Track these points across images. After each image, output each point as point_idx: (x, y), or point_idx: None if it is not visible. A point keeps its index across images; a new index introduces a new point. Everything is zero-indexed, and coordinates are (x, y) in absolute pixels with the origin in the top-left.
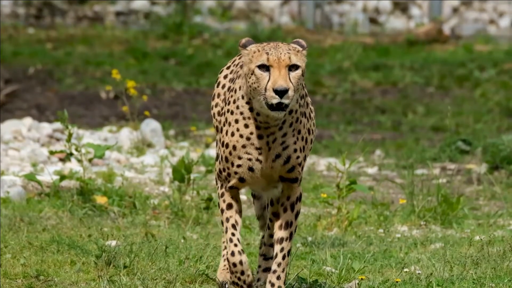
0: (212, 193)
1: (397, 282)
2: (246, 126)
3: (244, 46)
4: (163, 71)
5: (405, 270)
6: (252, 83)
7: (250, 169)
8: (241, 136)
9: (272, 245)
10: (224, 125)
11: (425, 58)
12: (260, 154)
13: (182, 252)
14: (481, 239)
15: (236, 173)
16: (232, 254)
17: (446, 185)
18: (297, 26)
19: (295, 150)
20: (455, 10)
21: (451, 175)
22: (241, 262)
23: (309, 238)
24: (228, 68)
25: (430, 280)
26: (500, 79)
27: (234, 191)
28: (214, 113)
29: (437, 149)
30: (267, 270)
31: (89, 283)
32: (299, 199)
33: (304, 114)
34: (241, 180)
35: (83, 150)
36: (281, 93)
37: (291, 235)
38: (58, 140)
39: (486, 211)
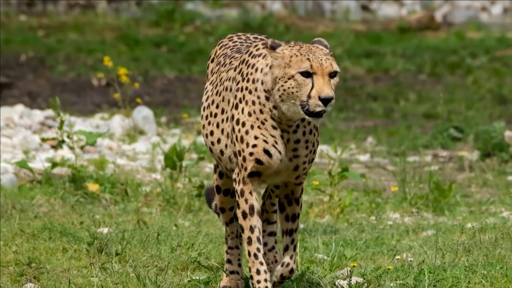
0: (204, 180)
1: (389, 269)
2: (261, 111)
3: (273, 48)
4: (155, 58)
5: (397, 257)
6: (288, 88)
7: (266, 151)
8: (257, 118)
9: (275, 212)
10: (240, 101)
11: (417, 45)
12: (276, 142)
13: (174, 239)
14: (473, 226)
15: (251, 154)
16: (258, 272)
17: (438, 172)
18: (289, 13)
19: (304, 162)
20: None
21: (443, 162)
22: (266, 280)
23: (301, 226)
24: (212, 61)
25: (422, 268)
26: (492, 66)
27: (254, 182)
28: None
29: (429, 136)
30: (273, 234)
31: (81, 270)
32: (302, 192)
33: (315, 127)
34: (258, 161)
35: (75, 137)
36: (327, 101)
37: (297, 226)
38: (50, 127)
39: (478, 198)
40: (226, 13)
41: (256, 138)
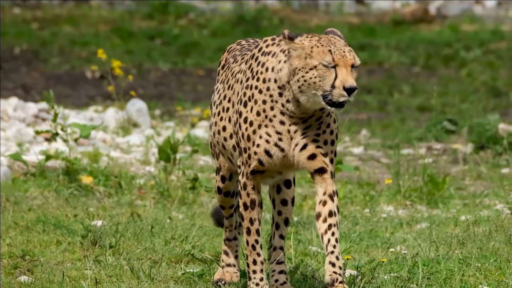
0: (198, 173)
1: (383, 262)
2: (272, 108)
3: (291, 39)
4: (149, 51)
5: (391, 250)
6: (310, 78)
7: (267, 152)
8: (266, 116)
9: (282, 248)
10: (249, 99)
11: (411, 38)
12: (280, 140)
13: (168, 232)
14: (467, 219)
15: (255, 153)
16: (254, 263)
17: (432, 165)
18: (283, 6)
19: (316, 140)
20: None
21: (437, 155)
22: (262, 271)
23: (295, 218)
24: (223, 67)
25: (416, 260)
26: (486, 59)
27: (257, 179)
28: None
29: (423, 129)
30: (282, 272)
31: (75, 263)
32: (335, 193)
33: (332, 116)
34: (260, 162)
35: (69, 130)
36: (351, 91)
37: (337, 222)
38: (44, 120)
39: (472, 191)
40: (220, 6)
41: (260, 137)
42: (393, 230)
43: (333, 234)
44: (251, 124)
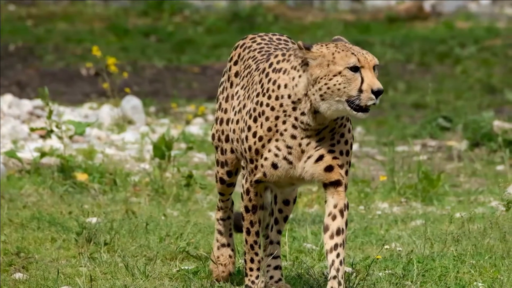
0: (192, 170)
1: (377, 259)
2: (284, 122)
3: (308, 49)
4: (144, 48)
5: (385, 247)
6: (334, 85)
7: (274, 165)
8: (277, 131)
9: (279, 243)
10: (259, 115)
11: (405, 35)
12: (289, 153)
13: (162, 229)
14: (461, 216)
15: (262, 166)
16: (252, 261)
17: (426, 162)
18: (278, 4)
19: (332, 151)
20: None
21: (431, 152)
22: (258, 269)
23: (290, 215)
24: (236, 63)
25: (411, 257)
26: (480, 56)
27: (260, 186)
28: (221, 118)
29: (417, 126)
30: (278, 268)
31: (70, 260)
32: (347, 206)
33: (348, 119)
34: (265, 175)
35: (63, 127)
36: (379, 94)
37: (344, 241)
38: (38, 117)
39: (467, 188)
40: (215, 3)
41: (269, 151)
42: (388, 227)
43: (338, 255)
44: (260, 139)
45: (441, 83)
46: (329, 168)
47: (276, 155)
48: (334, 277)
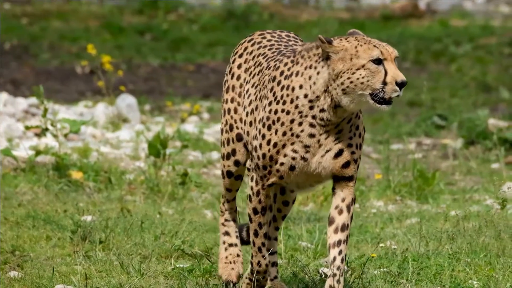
0: (187, 168)
1: (372, 257)
2: (300, 124)
3: (330, 43)
4: (139, 46)
5: (380, 245)
6: (357, 78)
7: (292, 168)
8: (292, 134)
9: (276, 239)
10: (273, 123)
11: (401, 33)
12: (306, 152)
13: (157, 227)
14: (456, 214)
15: (278, 171)
16: (259, 264)
17: (421, 160)
18: (273, 2)
19: (350, 145)
20: None
21: (426, 150)
22: (265, 272)
23: (288, 214)
24: (241, 56)
25: (406, 255)
26: (475, 54)
27: (271, 188)
28: (229, 109)
29: (413, 124)
30: (274, 264)
31: (65, 258)
32: (354, 200)
33: (360, 110)
34: (281, 178)
35: (58, 125)
36: (403, 85)
37: (347, 237)
38: (33, 115)
39: (462, 186)
40: (210, 1)
41: (285, 156)
42: (383, 225)
43: (340, 252)
44: (275, 145)
45: (436, 81)
46: (346, 164)
47: (293, 158)
48: (334, 275)
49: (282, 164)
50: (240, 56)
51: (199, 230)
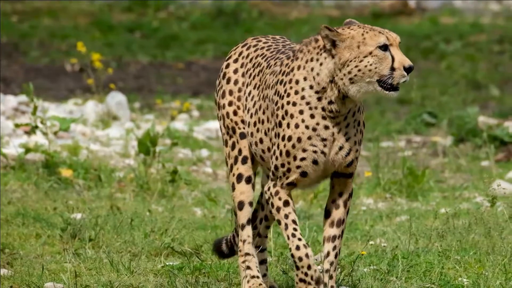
0: (177, 166)
1: (362, 254)
2: (312, 116)
3: (337, 31)
4: (129, 44)
5: (370, 242)
6: (365, 66)
7: (315, 162)
8: (307, 127)
9: (267, 237)
10: (283, 118)
11: (390, 30)
12: (324, 146)
13: (147, 225)
14: (446, 212)
15: (298, 167)
16: (297, 248)
17: (411, 158)
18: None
19: (355, 143)
20: None
21: (416, 148)
22: (307, 255)
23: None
24: (236, 61)
25: (396, 253)
26: (465, 51)
27: (290, 188)
28: (227, 113)
29: (402, 122)
30: (263, 262)
31: (55, 256)
32: (351, 195)
33: (361, 103)
34: (303, 174)
35: (48, 123)
36: (410, 70)
37: (342, 232)
38: (23, 113)
39: (452, 184)
40: None
41: (304, 151)
42: (373, 223)
43: (334, 248)
44: (289, 139)
45: (426, 78)
46: (351, 163)
47: (315, 152)
48: (327, 271)
49: (303, 159)
50: (235, 61)
51: (189, 228)
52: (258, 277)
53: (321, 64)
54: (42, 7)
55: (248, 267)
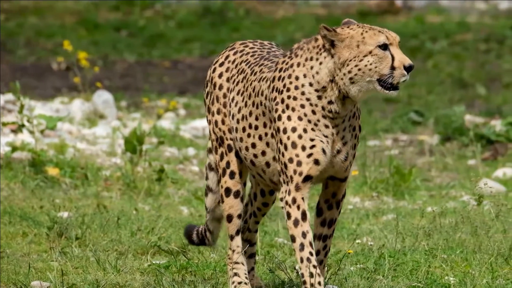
0: (164, 164)
1: (349, 253)
2: (314, 112)
3: (335, 31)
4: (115, 43)
5: (357, 241)
6: (365, 65)
7: (324, 151)
8: (309, 121)
9: (257, 231)
10: (283, 111)
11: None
12: (327, 143)
13: (134, 223)
14: (433, 211)
15: (310, 155)
16: (311, 275)
17: (398, 157)
18: None
19: (351, 147)
20: None
21: (403, 146)
22: (320, 284)
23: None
24: (221, 65)
25: (382, 252)
26: (452, 50)
27: (306, 188)
28: (216, 121)
29: (389, 121)
30: (253, 256)
31: (41, 255)
32: (344, 197)
33: (358, 108)
34: (317, 162)
35: (35, 122)
36: (410, 69)
37: (333, 232)
38: (10, 111)
39: (438, 183)
40: None
41: (312, 139)
42: (360, 221)
43: (324, 247)
44: (293, 130)
45: (413, 77)
46: (346, 168)
47: (321, 141)
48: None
49: (312, 146)
50: (221, 65)
51: (176, 227)
52: (246, 283)
53: (320, 63)
54: (29, 5)
55: (236, 274)
